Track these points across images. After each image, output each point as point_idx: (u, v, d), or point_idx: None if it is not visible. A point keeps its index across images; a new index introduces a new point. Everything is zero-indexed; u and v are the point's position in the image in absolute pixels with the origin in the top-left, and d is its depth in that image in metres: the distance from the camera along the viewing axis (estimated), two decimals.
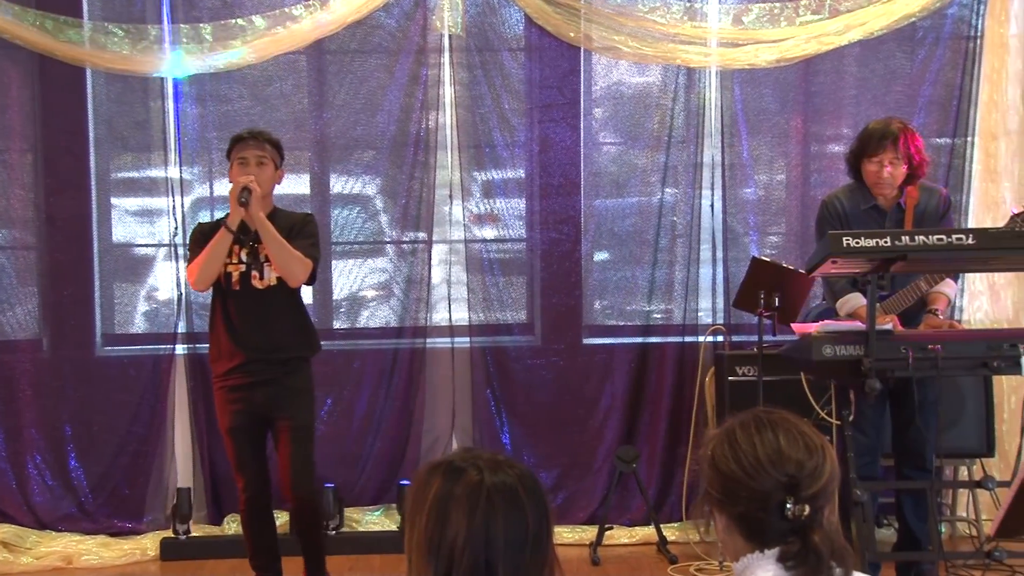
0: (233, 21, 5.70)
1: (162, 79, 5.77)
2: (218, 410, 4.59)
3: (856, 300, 4.75)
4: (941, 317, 4.73)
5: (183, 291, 5.79)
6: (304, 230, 4.51)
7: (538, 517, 1.86)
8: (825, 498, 1.92)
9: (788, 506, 1.89)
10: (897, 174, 4.69)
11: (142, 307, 6.03)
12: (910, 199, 4.77)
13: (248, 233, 4.49)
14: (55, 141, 5.79)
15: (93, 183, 5.85)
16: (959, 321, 5.83)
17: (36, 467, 5.77)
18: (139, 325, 6.01)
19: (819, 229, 4.93)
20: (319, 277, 4.84)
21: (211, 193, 5.87)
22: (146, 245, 5.97)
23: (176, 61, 5.63)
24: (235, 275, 4.47)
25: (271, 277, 4.47)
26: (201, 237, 4.56)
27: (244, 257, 4.48)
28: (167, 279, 5.89)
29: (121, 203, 5.98)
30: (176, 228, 5.78)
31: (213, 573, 5.35)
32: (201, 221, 4.97)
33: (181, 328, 5.82)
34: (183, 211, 5.81)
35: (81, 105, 5.80)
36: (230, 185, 4.52)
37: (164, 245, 5.88)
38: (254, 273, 4.47)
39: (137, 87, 5.82)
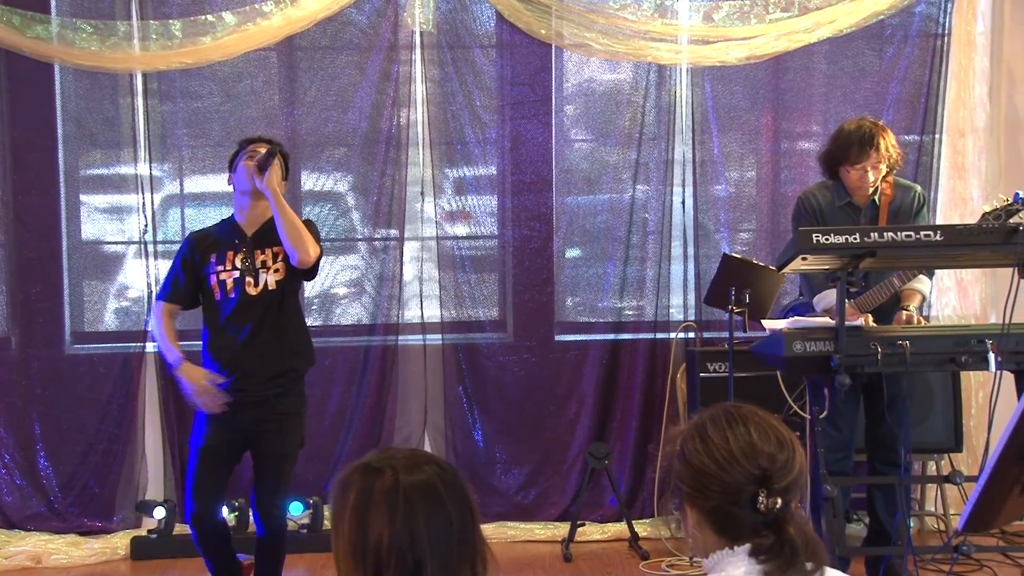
0: (203, 17, 5.67)
1: (131, 76, 5.73)
2: (196, 424, 4.38)
3: (832, 296, 4.76)
4: (906, 314, 4.75)
5: (153, 289, 5.76)
6: (308, 227, 4.37)
7: (461, 511, 1.85)
8: (795, 491, 1.92)
9: (760, 499, 1.89)
10: (879, 175, 4.72)
11: (112, 305, 5.98)
12: (884, 196, 4.79)
13: (244, 239, 4.37)
14: (23, 138, 5.74)
15: (62, 180, 5.80)
16: (927, 317, 5.87)
17: (5, 466, 5.72)
18: (109, 323, 5.96)
19: (795, 225, 4.94)
20: None
21: (181, 190, 5.84)
22: (116, 242, 5.92)
23: None
24: (229, 283, 4.33)
25: (268, 281, 4.32)
26: (197, 243, 4.42)
27: (238, 263, 4.33)
28: (137, 276, 5.85)
29: (90, 200, 5.93)
30: (146, 225, 5.75)
31: (184, 572, 5.32)
32: (192, 231, 4.67)
33: (151, 326, 5.78)
34: (153, 208, 5.78)
35: (49, 102, 5.75)
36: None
37: (134, 242, 5.84)
38: (248, 279, 4.31)
39: (106, 83, 5.77)
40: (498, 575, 1.92)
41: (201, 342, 4.47)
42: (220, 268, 4.36)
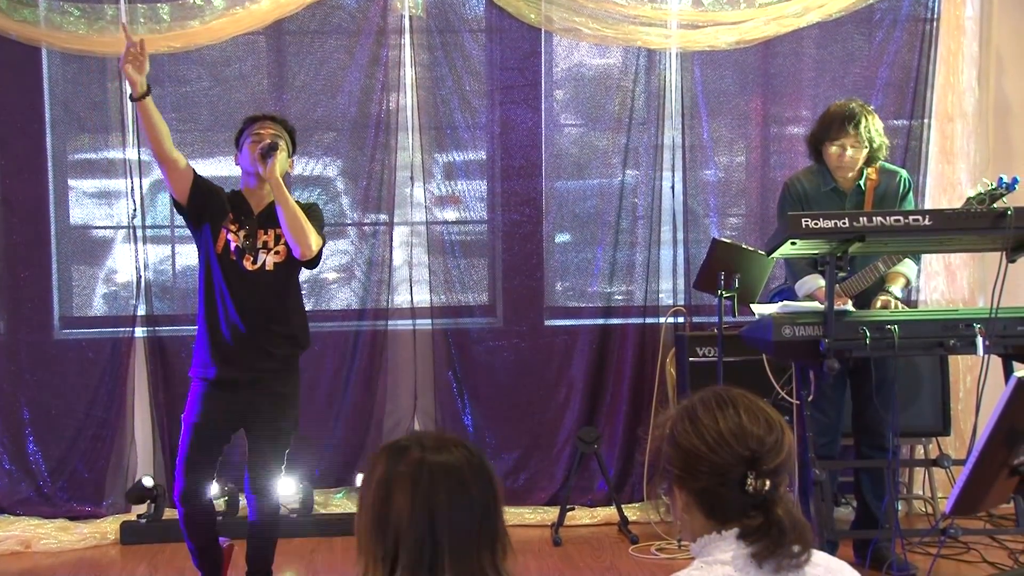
0: (191, 1, 5.62)
1: (119, 59, 5.67)
2: (190, 401, 4.34)
3: (814, 281, 4.78)
4: (882, 300, 4.75)
5: (142, 274, 5.75)
6: (312, 213, 4.34)
7: (485, 497, 1.87)
8: (783, 473, 1.93)
9: (749, 480, 1.90)
10: (858, 157, 4.73)
11: (100, 290, 5.96)
12: (870, 181, 4.80)
13: (250, 215, 4.33)
14: (10, 122, 5.69)
15: (50, 165, 5.76)
16: (915, 302, 5.89)
17: None
18: (98, 308, 5.93)
19: (780, 211, 4.96)
20: None
21: None
22: (104, 227, 5.89)
23: None
24: (232, 246, 4.26)
25: (266, 262, 4.28)
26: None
27: (241, 238, 4.28)
28: (126, 261, 5.83)
29: (78, 185, 5.90)
30: (135, 210, 5.72)
31: (173, 557, 5.30)
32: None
33: (140, 311, 5.76)
34: (142, 193, 5.75)
35: (37, 86, 5.71)
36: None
37: (123, 227, 5.80)
38: (247, 256, 4.27)
39: (94, 67, 5.72)
40: (515, 562, 1.93)
41: (197, 326, 4.42)
42: (232, 227, 4.31)
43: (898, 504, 5.35)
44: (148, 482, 5.57)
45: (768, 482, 1.90)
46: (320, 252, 4.36)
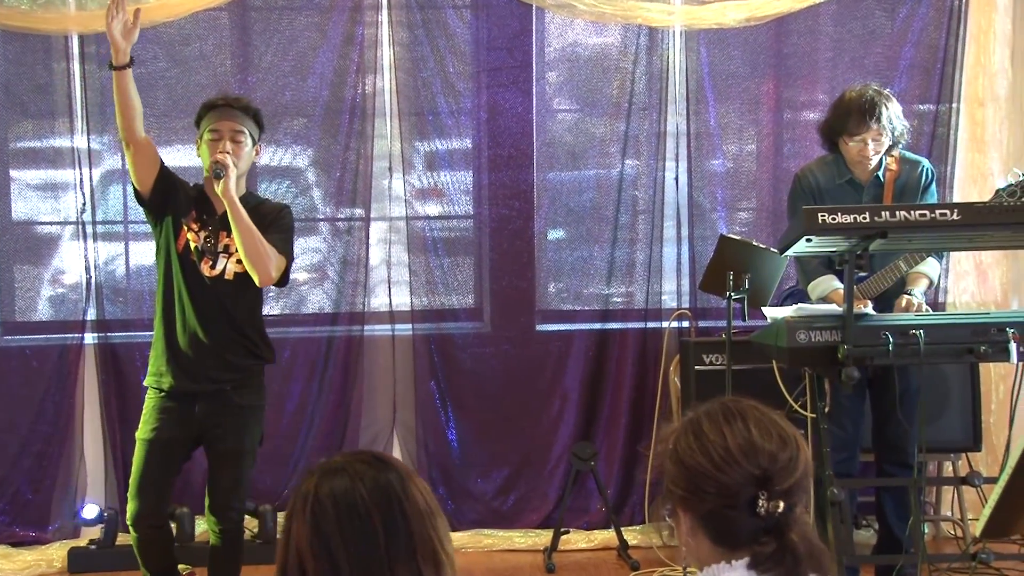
0: None
1: (66, 38, 5.67)
2: (144, 415, 4.32)
3: (828, 283, 4.77)
4: (906, 300, 4.76)
5: (92, 274, 5.73)
6: (279, 222, 4.31)
7: (394, 525, 1.86)
8: (799, 494, 1.92)
9: (760, 502, 1.88)
10: (881, 149, 4.72)
11: (46, 292, 5.93)
12: (890, 172, 4.80)
13: (212, 214, 4.30)
14: None
15: None
16: (942, 304, 5.89)
17: None
18: (43, 312, 5.91)
19: (791, 205, 4.96)
20: None
21: (123, 164, 5.78)
22: (50, 223, 5.87)
23: None
24: (192, 246, 4.25)
25: (227, 269, 4.26)
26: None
27: (202, 239, 4.26)
28: (74, 260, 5.80)
29: (21, 176, 5.87)
30: (84, 203, 5.70)
31: None
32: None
33: (91, 315, 5.74)
34: (91, 184, 5.73)
35: None
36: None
37: (71, 223, 5.79)
38: (206, 259, 4.24)
39: (38, 47, 5.70)
40: None
41: (152, 330, 4.41)
42: (193, 225, 4.29)
43: (924, 526, 5.35)
44: (93, 511, 5.55)
45: (782, 503, 1.88)
46: (287, 273, 4.34)
